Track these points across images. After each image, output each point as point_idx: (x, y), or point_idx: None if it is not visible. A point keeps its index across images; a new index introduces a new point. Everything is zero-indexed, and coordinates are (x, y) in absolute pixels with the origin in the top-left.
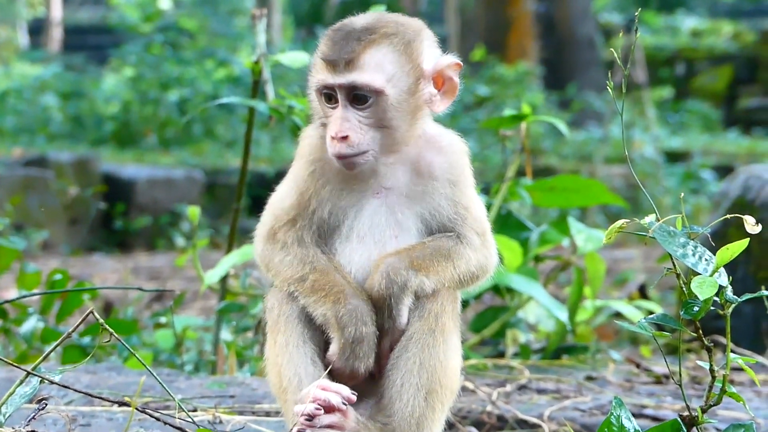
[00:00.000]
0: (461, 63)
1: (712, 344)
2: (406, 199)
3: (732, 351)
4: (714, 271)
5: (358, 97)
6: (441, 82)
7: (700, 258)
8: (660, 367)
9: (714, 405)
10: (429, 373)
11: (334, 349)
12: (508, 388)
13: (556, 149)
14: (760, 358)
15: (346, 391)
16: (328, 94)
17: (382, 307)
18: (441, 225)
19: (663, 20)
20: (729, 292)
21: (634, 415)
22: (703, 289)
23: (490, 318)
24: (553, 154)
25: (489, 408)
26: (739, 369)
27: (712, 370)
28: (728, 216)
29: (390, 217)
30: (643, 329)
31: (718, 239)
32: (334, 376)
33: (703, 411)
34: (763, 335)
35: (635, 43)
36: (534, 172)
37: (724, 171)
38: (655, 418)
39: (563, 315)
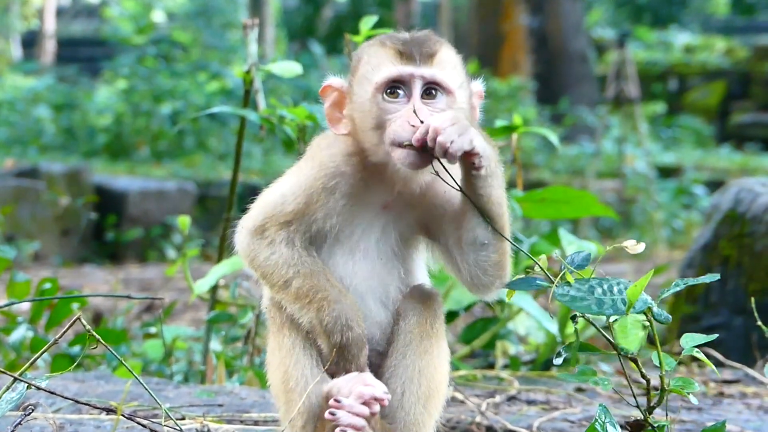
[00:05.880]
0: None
1: (635, 355)
2: (412, 210)
3: (722, 364)
4: (628, 309)
5: (429, 91)
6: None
7: (612, 291)
8: (651, 379)
9: (656, 406)
10: (428, 380)
11: (325, 354)
12: (498, 398)
13: (548, 164)
14: (750, 371)
15: (385, 389)
16: (395, 89)
17: None
18: (437, 216)
19: (656, 36)
20: (655, 308)
21: (622, 426)
22: (629, 337)
23: (480, 329)
24: (545, 169)
25: (478, 419)
26: (731, 381)
27: (643, 375)
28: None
29: (395, 232)
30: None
31: (708, 251)
32: (333, 375)
33: (649, 413)
34: (753, 348)
35: (628, 58)
36: (526, 186)
37: (716, 186)
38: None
39: (553, 327)
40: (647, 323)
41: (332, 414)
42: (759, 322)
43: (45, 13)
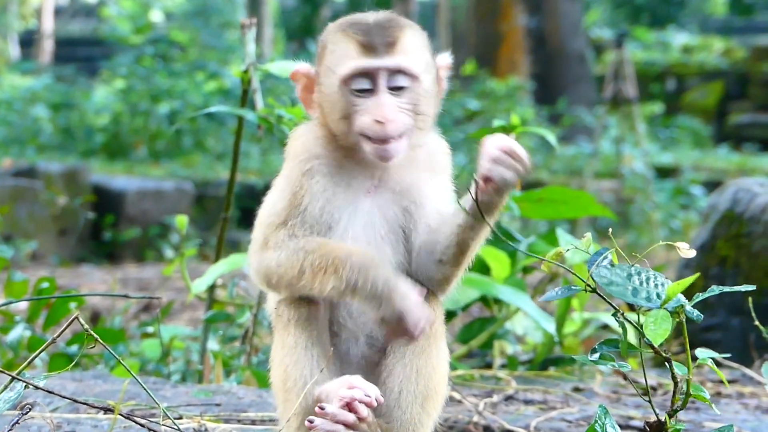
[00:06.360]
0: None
1: (669, 355)
2: (393, 195)
3: (719, 364)
4: (663, 304)
5: (393, 77)
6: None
7: (648, 283)
8: (648, 379)
9: (679, 409)
10: (425, 380)
11: (385, 316)
12: (495, 398)
13: (546, 164)
14: (747, 371)
15: (374, 391)
16: (360, 80)
17: None
18: (423, 213)
19: (654, 36)
20: (688, 307)
21: (621, 426)
22: (657, 330)
23: (477, 329)
24: (543, 169)
25: (475, 418)
26: (728, 381)
27: (674, 376)
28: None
29: (381, 217)
30: (594, 362)
31: (706, 251)
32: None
33: (670, 416)
34: (751, 348)
35: (626, 58)
36: (524, 186)
37: (714, 187)
38: (641, 430)
39: (551, 327)
40: (675, 318)
41: (310, 422)
42: (756, 322)
43: (43, 13)
